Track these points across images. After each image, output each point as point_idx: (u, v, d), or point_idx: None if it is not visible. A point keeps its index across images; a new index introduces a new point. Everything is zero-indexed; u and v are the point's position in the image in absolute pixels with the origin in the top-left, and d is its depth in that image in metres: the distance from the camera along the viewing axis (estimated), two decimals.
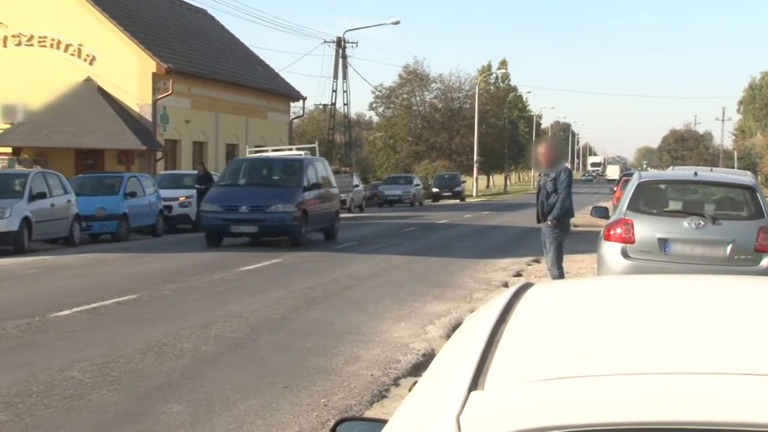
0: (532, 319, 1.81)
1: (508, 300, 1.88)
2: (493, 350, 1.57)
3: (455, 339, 1.87)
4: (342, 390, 6.91)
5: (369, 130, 77.43)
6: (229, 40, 45.53)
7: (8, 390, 6.51)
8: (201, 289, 12.65)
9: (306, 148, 33.25)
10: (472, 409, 1.39)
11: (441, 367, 1.70)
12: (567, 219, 11.31)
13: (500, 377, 1.47)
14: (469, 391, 1.43)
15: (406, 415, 1.55)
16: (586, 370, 1.46)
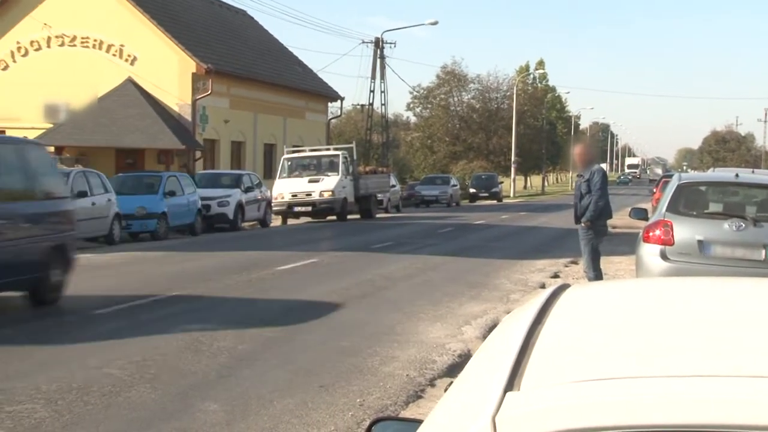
0: (569, 321, 1.80)
1: (544, 301, 1.87)
2: (529, 351, 1.57)
3: (491, 340, 1.87)
4: (377, 390, 6.92)
5: (406, 130, 77.42)
6: (268, 40, 45.77)
7: (48, 386, 6.60)
8: (238, 288, 12.72)
9: (343, 149, 33.36)
10: (507, 409, 1.38)
11: (477, 367, 1.70)
12: (603, 220, 11.22)
13: (536, 378, 1.46)
14: (505, 391, 1.43)
15: (442, 416, 1.54)
16: (622, 372, 1.45)
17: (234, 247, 19.76)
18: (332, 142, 46.58)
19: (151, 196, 22.60)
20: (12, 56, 34.01)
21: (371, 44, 49.45)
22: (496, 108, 72.43)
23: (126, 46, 33.39)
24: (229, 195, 26.33)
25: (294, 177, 30.11)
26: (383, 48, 49.39)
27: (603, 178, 11.13)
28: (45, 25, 32.89)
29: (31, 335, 8.73)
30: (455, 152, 70.04)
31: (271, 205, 29.18)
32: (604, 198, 11.02)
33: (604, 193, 11.04)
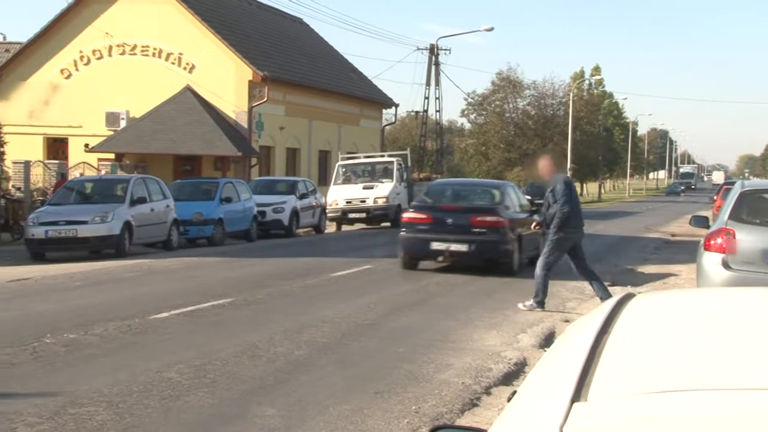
0: (635, 331, 1.79)
1: (610, 310, 1.86)
2: (595, 361, 1.56)
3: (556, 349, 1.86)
4: (433, 397, 6.91)
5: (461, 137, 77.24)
6: (324, 47, 46.05)
7: (110, 389, 6.71)
8: (294, 294, 12.81)
9: (398, 155, 33.41)
10: (575, 420, 1.38)
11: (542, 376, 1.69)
12: (571, 227, 11.67)
13: (603, 389, 1.45)
14: (572, 402, 1.42)
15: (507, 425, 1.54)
16: (691, 385, 1.43)
17: (289, 254, 19.91)
18: (386, 148, 46.68)
19: (208, 202, 22.86)
20: (75, 65, 34.71)
21: (426, 51, 49.47)
22: (551, 114, 71.86)
23: (185, 55, 33.87)
24: (284, 201, 26.52)
25: (348, 183, 30.22)
26: (438, 54, 49.37)
27: (566, 186, 11.64)
28: (107, 34, 33.53)
29: (94, 338, 8.89)
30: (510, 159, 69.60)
31: (326, 211, 29.31)
32: (567, 205, 11.50)
33: (568, 201, 11.52)
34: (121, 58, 34.20)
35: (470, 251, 15.48)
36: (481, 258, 15.83)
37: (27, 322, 10.00)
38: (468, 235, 15.37)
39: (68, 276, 14.91)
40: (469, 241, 15.38)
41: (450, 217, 15.64)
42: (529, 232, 15.80)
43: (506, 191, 17.33)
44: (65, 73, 34.84)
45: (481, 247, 15.49)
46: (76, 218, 18.45)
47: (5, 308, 11.13)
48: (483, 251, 15.61)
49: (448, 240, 15.39)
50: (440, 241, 15.42)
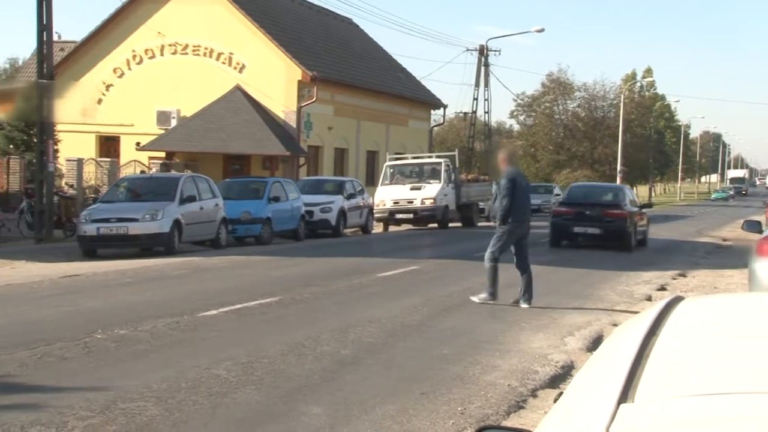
0: (684, 333, 1.77)
1: (658, 313, 1.84)
2: (643, 363, 1.55)
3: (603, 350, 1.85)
4: (479, 399, 6.89)
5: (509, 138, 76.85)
6: (373, 48, 46.14)
7: (159, 385, 6.80)
8: (340, 294, 12.86)
9: (446, 156, 33.35)
10: (622, 421, 1.37)
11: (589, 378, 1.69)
12: (515, 221, 12.14)
13: (651, 390, 1.45)
14: (619, 403, 1.41)
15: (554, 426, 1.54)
16: (736, 387, 1.42)
17: (336, 253, 19.98)
18: (434, 149, 46.63)
19: (257, 201, 23.03)
20: (127, 64, 35.21)
21: (475, 52, 49.33)
22: (601, 116, 71.24)
23: (235, 54, 34.18)
24: (332, 201, 26.62)
25: (396, 184, 30.23)
26: (487, 56, 49.21)
27: (510, 182, 12.09)
28: (159, 33, 33.96)
29: (144, 334, 9.01)
30: (559, 161, 69.17)
31: (373, 211, 29.37)
32: (507, 199, 12.00)
33: (508, 195, 12.00)
34: (172, 58, 34.61)
35: (601, 234, 22.11)
36: (608, 238, 22.07)
37: (78, 317, 10.16)
38: (600, 223, 22.01)
39: (119, 273, 15.13)
40: (600, 227, 22.03)
41: (587, 209, 22.21)
42: (639, 222, 22.91)
43: (625, 192, 24.78)
44: (118, 72, 35.36)
45: (609, 231, 22.06)
46: (126, 216, 18.71)
47: (58, 304, 11.33)
48: (610, 234, 22.07)
49: (585, 225, 22.11)
50: (580, 227, 22.20)
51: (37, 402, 6.24)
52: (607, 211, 22.08)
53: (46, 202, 21.54)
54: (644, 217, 24.31)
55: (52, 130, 22.42)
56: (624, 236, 22.00)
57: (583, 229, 22.07)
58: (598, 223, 21.97)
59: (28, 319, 10.08)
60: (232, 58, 34.27)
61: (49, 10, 21.44)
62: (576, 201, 22.84)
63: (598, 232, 22.03)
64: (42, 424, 5.69)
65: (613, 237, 21.97)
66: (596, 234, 22.08)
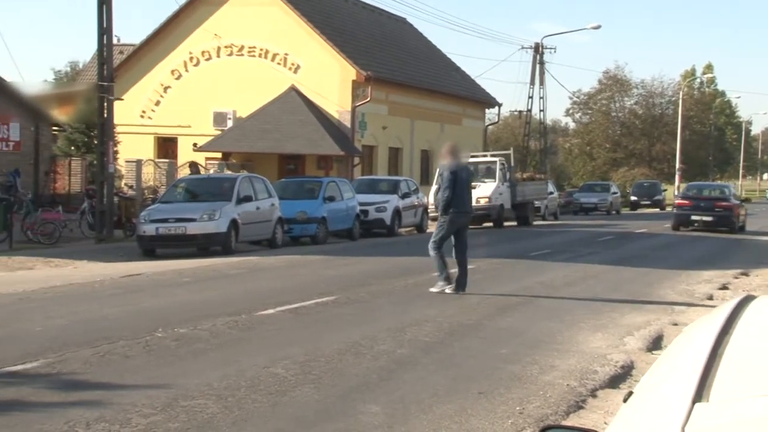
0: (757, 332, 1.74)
1: (730, 311, 1.81)
2: (716, 362, 1.52)
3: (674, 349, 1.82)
4: (537, 399, 6.84)
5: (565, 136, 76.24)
6: (427, 47, 46.09)
7: (219, 383, 6.87)
8: (396, 293, 12.87)
9: (501, 155, 33.17)
10: (697, 420, 1.35)
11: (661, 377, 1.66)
12: (455, 211, 12.62)
13: (725, 389, 1.42)
14: (694, 402, 1.39)
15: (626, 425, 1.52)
16: None
17: (391, 253, 20.00)
18: (489, 148, 46.40)
19: (312, 201, 23.14)
20: (185, 66, 35.65)
21: (531, 50, 49.01)
22: (660, 114, 70.24)
23: (290, 55, 34.40)
24: (386, 201, 26.64)
25: None
26: (543, 53, 48.85)
27: (451, 174, 12.62)
28: (215, 35, 34.34)
29: (203, 333, 9.12)
30: (616, 159, 68.39)
31: (428, 211, 29.33)
32: (448, 190, 12.52)
33: (449, 187, 12.52)
34: (228, 59, 34.97)
35: (713, 221, 28.51)
36: (719, 224, 28.52)
37: (139, 316, 10.32)
38: (712, 212, 28.71)
39: (177, 272, 15.33)
40: (713, 215, 28.61)
41: (702, 202, 29.25)
42: (740, 212, 29.78)
43: (730, 189, 32.52)
44: (175, 74, 35.82)
45: (720, 219, 28.64)
46: (185, 216, 18.94)
47: (119, 303, 11.52)
48: (720, 221, 28.65)
49: (701, 215, 28.60)
50: (696, 215, 28.63)
51: (101, 399, 6.35)
52: (717, 203, 29.10)
53: (107, 203, 21.92)
54: (744, 208, 30.97)
55: (112, 132, 22.81)
56: (730, 222, 28.78)
57: (699, 216, 28.45)
58: (711, 212, 28.59)
59: (91, 318, 10.28)
60: (287, 59, 34.49)
61: (109, 14, 21.81)
62: (693, 196, 30.00)
63: (710, 219, 28.43)
64: (106, 421, 5.79)
65: (722, 223, 28.52)
66: (709, 221, 28.40)
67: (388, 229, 26.40)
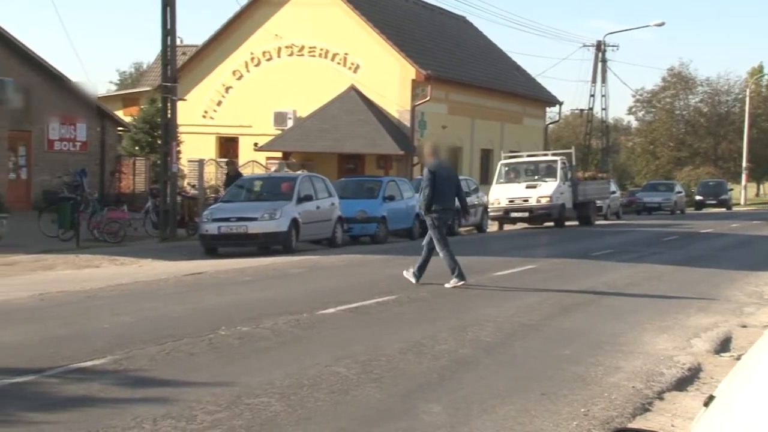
0: None
1: None
2: None
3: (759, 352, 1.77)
4: (602, 400, 6.75)
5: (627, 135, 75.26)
6: (487, 45, 45.88)
7: (281, 382, 6.91)
8: (457, 292, 12.81)
9: (562, 154, 32.86)
10: None
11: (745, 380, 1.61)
12: (438, 209, 13.03)
13: None
14: None
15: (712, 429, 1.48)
16: None
17: None
18: (550, 147, 46.04)
19: (372, 200, 23.18)
20: (246, 66, 36.01)
21: (592, 48, 48.48)
22: (725, 112, 68.88)
23: (350, 55, 34.53)
24: None
25: (511, 182, 29.98)
26: (605, 51, 48.28)
27: (431, 173, 12.97)
28: (276, 35, 34.62)
29: (265, 331, 9.19)
30: (680, 158, 67.26)
31: (488, 210, 29.19)
32: (428, 189, 12.92)
33: (429, 185, 12.91)
34: (289, 59, 35.23)
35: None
36: None
37: (203, 314, 10.44)
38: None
39: (239, 271, 15.48)
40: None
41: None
42: None
43: None
44: (237, 75, 36.20)
45: None
46: (246, 215, 19.12)
47: (183, 301, 11.67)
48: None
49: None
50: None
51: (168, 396, 6.44)
52: None
53: (170, 202, 22.23)
54: None
55: (175, 132, 23.12)
56: None
57: None
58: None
59: (156, 316, 10.43)
60: (347, 59, 34.62)
61: (173, 16, 22.12)
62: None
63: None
64: (173, 418, 5.86)
65: None
66: None
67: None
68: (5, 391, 6.55)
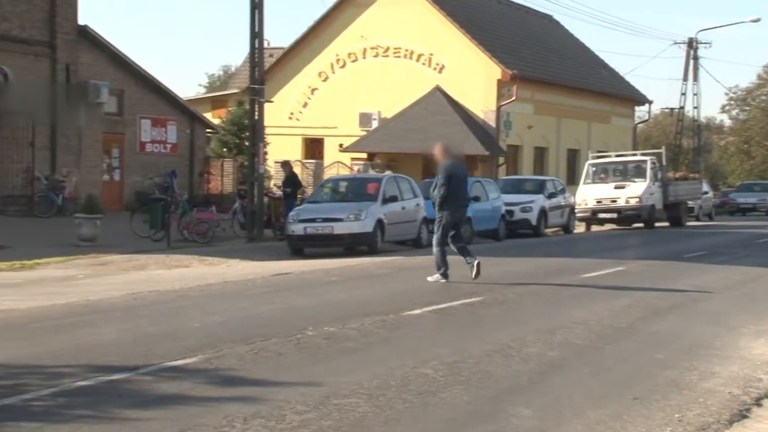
0: None
1: None
2: None
3: None
4: (697, 406, 6.57)
5: (720, 134, 73.38)
6: (574, 44, 45.29)
7: (369, 383, 6.91)
8: (544, 294, 12.66)
9: (651, 154, 32.20)
10: None
11: None
12: (450, 207, 13.35)
13: None
14: None
15: None
16: None
17: (538, 253, 19.72)
18: (638, 147, 45.20)
19: None
20: (331, 68, 36.30)
21: (684, 45, 47.46)
22: None
23: (435, 55, 34.49)
24: (532, 201, 26.32)
25: (599, 183, 29.53)
26: (697, 48, 47.24)
27: (446, 172, 13.31)
28: (362, 37, 34.81)
29: (352, 332, 9.21)
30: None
31: (575, 211, 28.80)
32: (444, 188, 13.24)
33: (444, 184, 13.24)
34: (374, 60, 35.37)
35: None
36: None
37: (290, 314, 10.53)
38: None
39: (325, 271, 15.58)
40: None
41: None
42: None
43: None
44: (322, 76, 36.51)
45: None
46: (332, 216, 19.24)
47: (270, 301, 11.80)
48: None
49: None
50: None
51: (257, 395, 6.49)
52: None
53: (257, 203, 22.52)
54: None
55: (262, 134, 23.41)
56: None
57: None
58: None
59: (244, 315, 10.56)
60: (432, 59, 34.59)
61: (261, 19, 22.41)
62: None
63: None
64: (262, 417, 5.91)
65: None
66: None
67: (534, 229, 26.05)
68: (102, 388, 6.70)
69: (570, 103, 38.59)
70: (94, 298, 11.88)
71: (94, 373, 7.08)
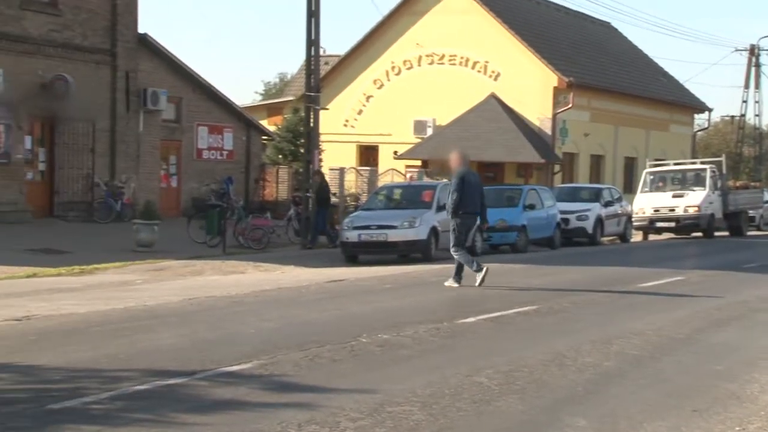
0: None
1: None
2: None
3: None
4: (758, 419, 6.43)
5: None
6: (632, 51, 44.79)
7: (423, 390, 6.89)
8: (600, 304, 12.53)
9: (711, 162, 31.68)
10: None
11: None
12: (465, 213, 13.72)
13: None
14: None
15: None
16: None
17: (593, 262, 19.52)
18: (698, 155, 44.50)
19: (512, 209, 22.93)
20: (387, 75, 36.39)
21: (745, 52, 46.71)
22: None
23: (490, 62, 34.38)
24: (588, 209, 26.07)
25: (656, 191, 29.14)
26: (759, 55, 46.48)
27: (459, 179, 13.63)
28: (417, 44, 34.85)
29: (406, 339, 9.20)
30: None
31: (632, 219, 28.45)
32: (456, 194, 13.53)
33: (457, 190, 13.54)
34: (429, 68, 35.37)
35: None
36: None
37: (344, 321, 10.56)
38: None
39: (379, 279, 15.60)
40: None
41: None
42: None
43: None
44: (377, 84, 36.61)
45: None
46: (386, 223, 19.27)
47: (325, 308, 11.85)
48: None
49: None
50: None
51: (311, 401, 6.52)
52: None
53: (312, 210, 22.65)
54: None
55: (317, 141, 23.55)
56: None
57: None
58: None
59: (299, 321, 10.62)
60: (488, 67, 34.49)
61: (317, 27, 22.56)
62: None
63: None
64: (317, 423, 5.93)
65: None
66: None
67: (590, 238, 25.80)
68: (160, 392, 6.79)
69: (627, 111, 38.16)
70: (152, 303, 12.05)
71: (152, 378, 7.17)
